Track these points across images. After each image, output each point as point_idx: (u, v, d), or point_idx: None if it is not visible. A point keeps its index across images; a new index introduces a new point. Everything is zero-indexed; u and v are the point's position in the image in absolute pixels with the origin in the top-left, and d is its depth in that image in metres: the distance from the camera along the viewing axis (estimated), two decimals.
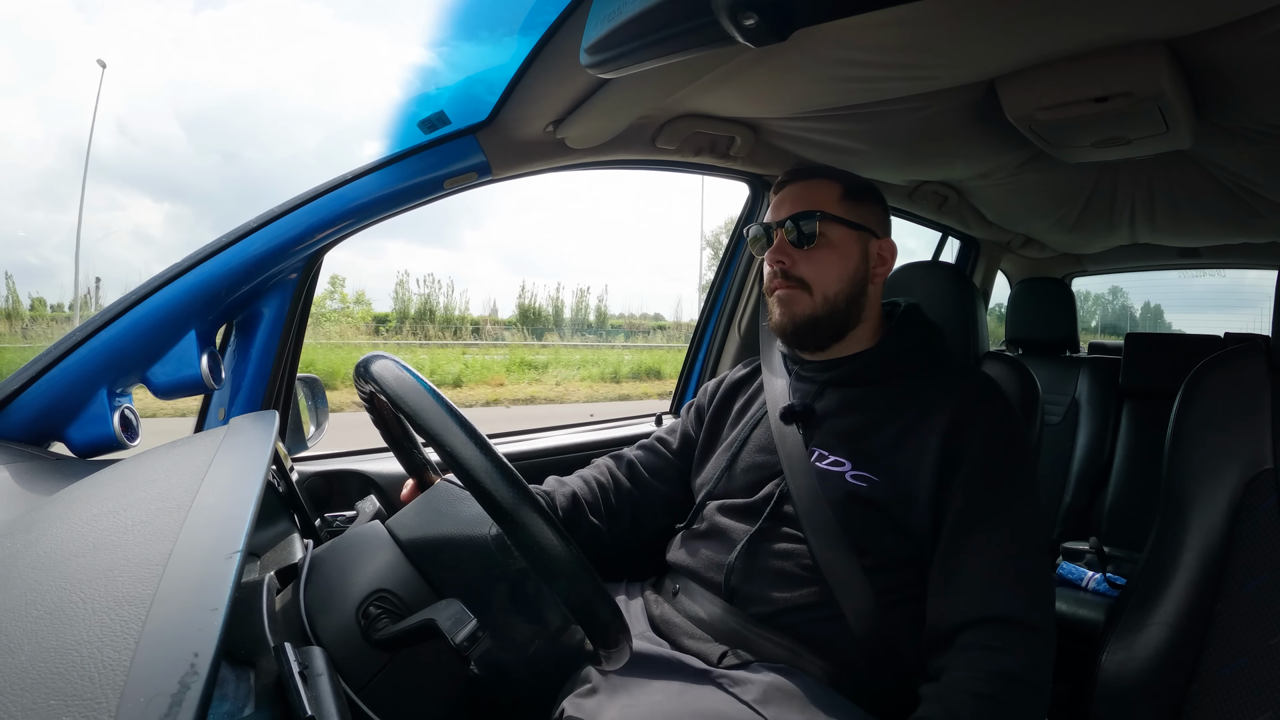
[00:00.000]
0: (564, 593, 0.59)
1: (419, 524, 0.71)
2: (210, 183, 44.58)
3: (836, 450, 0.88)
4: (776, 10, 0.55)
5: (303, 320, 0.99)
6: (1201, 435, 0.86)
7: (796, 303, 0.92)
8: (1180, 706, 0.80)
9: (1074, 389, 2.11)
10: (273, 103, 61.14)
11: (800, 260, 0.92)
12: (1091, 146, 1.14)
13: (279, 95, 62.83)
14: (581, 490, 1.00)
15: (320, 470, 1.05)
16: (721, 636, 0.85)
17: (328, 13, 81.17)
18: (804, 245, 0.92)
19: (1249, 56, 0.86)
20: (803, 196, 0.94)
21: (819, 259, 0.92)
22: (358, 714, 0.57)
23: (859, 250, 0.93)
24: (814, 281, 0.92)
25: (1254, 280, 2.59)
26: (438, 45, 0.93)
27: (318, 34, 69.66)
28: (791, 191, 0.95)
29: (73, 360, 0.78)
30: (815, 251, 0.92)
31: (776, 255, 0.93)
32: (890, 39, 0.86)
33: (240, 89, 57.82)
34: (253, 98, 58.35)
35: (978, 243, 2.25)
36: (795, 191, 0.95)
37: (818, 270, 0.92)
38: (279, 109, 61.25)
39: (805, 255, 0.92)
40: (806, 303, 0.92)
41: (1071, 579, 1.73)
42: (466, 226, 47.29)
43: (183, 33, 54.64)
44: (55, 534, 0.46)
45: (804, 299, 0.92)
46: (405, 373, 0.66)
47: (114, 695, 0.30)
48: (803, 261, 0.92)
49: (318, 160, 53.11)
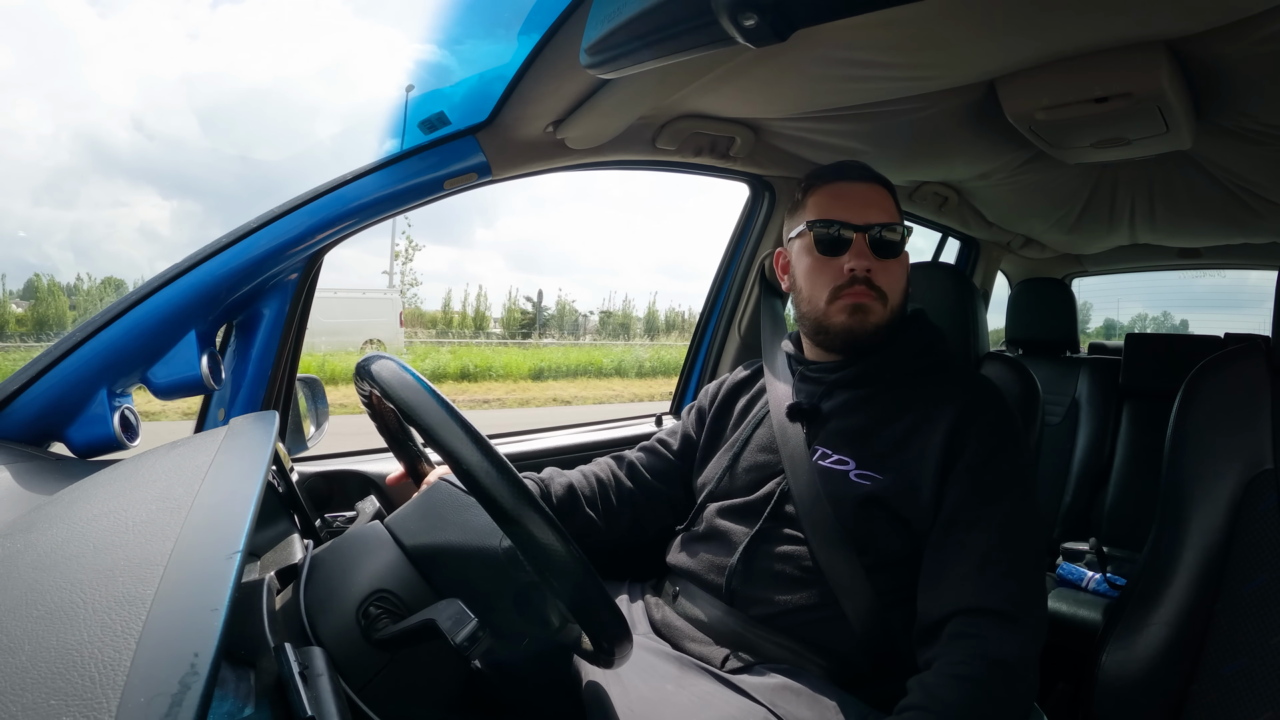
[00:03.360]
0: (565, 592, 0.59)
1: (423, 528, 0.70)
2: (207, 176, 44.66)
3: (841, 449, 0.88)
4: (776, 10, 0.55)
5: (303, 321, 0.99)
6: (1201, 435, 0.86)
7: (872, 312, 0.89)
8: (1180, 706, 0.80)
9: (1074, 389, 2.11)
10: (271, 102, 61.21)
11: (881, 270, 0.89)
12: (1091, 147, 1.14)
13: (275, 95, 62.91)
14: (580, 483, 1.00)
15: (320, 470, 1.05)
16: (723, 639, 0.85)
17: (328, 12, 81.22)
18: (888, 256, 0.90)
19: (1249, 56, 0.86)
20: (877, 202, 0.92)
21: (895, 271, 0.91)
22: (358, 714, 0.57)
23: (907, 262, 0.94)
24: (889, 292, 0.90)
25: (1256, 281, 2.60)
26: (438, 45, 0.94)
27: (316, 34, 69.71)
28: (860, 192, 0.92)
29: (73, 360, 0.78)
30: (896, 263, 0.91)
31: (863, 262, 0.89)
32: (890, 39, 0.86)
33: (249, 87, 57.88)
34: (258, 96, 58.42)
35: (978, 243, 2.25)
36: (864, 193, 0.92)
37: (892, 281, 0.90)
38: (274, 108, 61.32)
39: (884, 265, 0.90)
40: (880, 312, 0.90)
41: (1071, 579, 1.73)
42: (479, 225, 47.57)
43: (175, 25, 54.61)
44: (55, 534, 0.46)
45: (879, 309, 0.90)
46: (406, 373, 0.66)
47: (114, 695, 0.30)
48: (882, 271, 0.89)
49: (316, 160, 53.21)
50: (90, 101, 42.58)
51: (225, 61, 59.16)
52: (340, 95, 64.03)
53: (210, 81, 53.01)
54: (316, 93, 63.71)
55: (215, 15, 58.39)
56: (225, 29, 59.06)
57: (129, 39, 48.38)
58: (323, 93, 64.36)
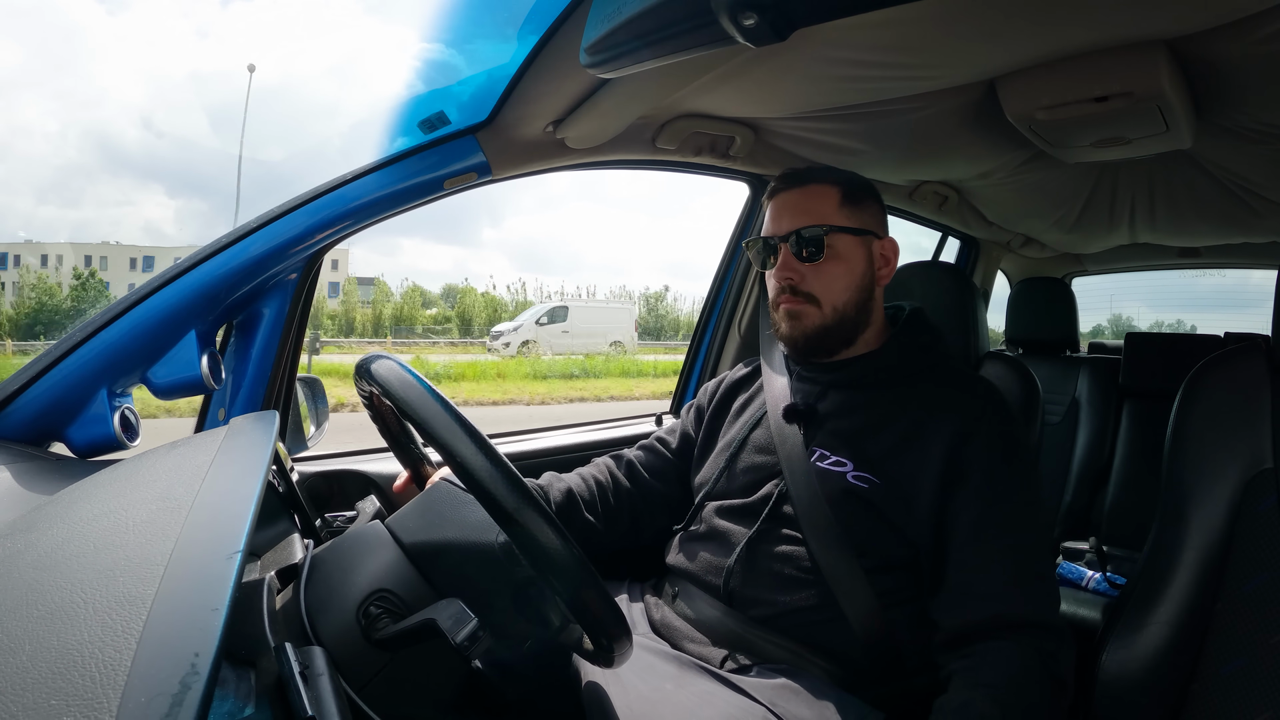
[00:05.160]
0: (565, 592, 0.59)
1: (421, 526, 0.70)
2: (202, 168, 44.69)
3: (838, 450, 0.87)
4: (776, 10, 0.55)
5: (303, 321, 0.99)
6: (1201, 435, 0.86)
7: (806, 317, 0.90)
8: (1180, 706, 0.80)
9: (1074, 389, 2.11)
10: (267, 102, 61.17)
11: (808, 274, 0.90)
12: (1091, 146, 1.14)
13: (276, 95, 62.86)
14: (578, 487, 1.00)
15: (320, 470, 1.05)
16: (722, 640, 0.85)
17: (328, 13, 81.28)
18: (811, 260, 0.89)
19: (1249, 56, 0.86)
20: (803, 206, 0.91)
21: (827, 272, 0.89)
22: (358, 714, 0.57)
23: (864, 255, 0.92)
24: (823, 295, 0.90)
25: (1258, 281, 2.59)
26: (438, 45, 0.94)
27: (318, 34, 69.74)
28: (789, 200, 0.92)
29: (73, 360, 0.78)
30: (823, 265, 0.89)
31: (784, 272, 0.90)
32: (890, 39, 0.86)
33: (255, 85, 58.02)
34: (261, 94, 58.44)
35: (978, 243, 2.25)
36: (793, 200, 0.92)
37: (826, 283, 0.90)
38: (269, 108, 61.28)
39: (813, 269, 0.89)
40: (815, 316, 0.90)
41: (1071, 579, 1.73)
42: (486, 225, 48.03)
43: None
44: (56, 534, 0.46)
45: (813, 312, 0.90)
46: (406, 373, 0.66)
47: (115, 695, 0.30)
48: (810, 275, 0.89)
49: (310, 161, 53.25)
50: (99, 99, 42.73)
51: (221, 59, 59.24)
52: (342, 95, 64.11)
53: (209, 81, 53.06)
54: (315, 93, 63.81)
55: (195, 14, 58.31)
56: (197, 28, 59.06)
57: (138, 36, 48.45)
58: (324, 93, 64.46)
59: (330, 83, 60.62)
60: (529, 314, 19.17)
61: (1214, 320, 7.74)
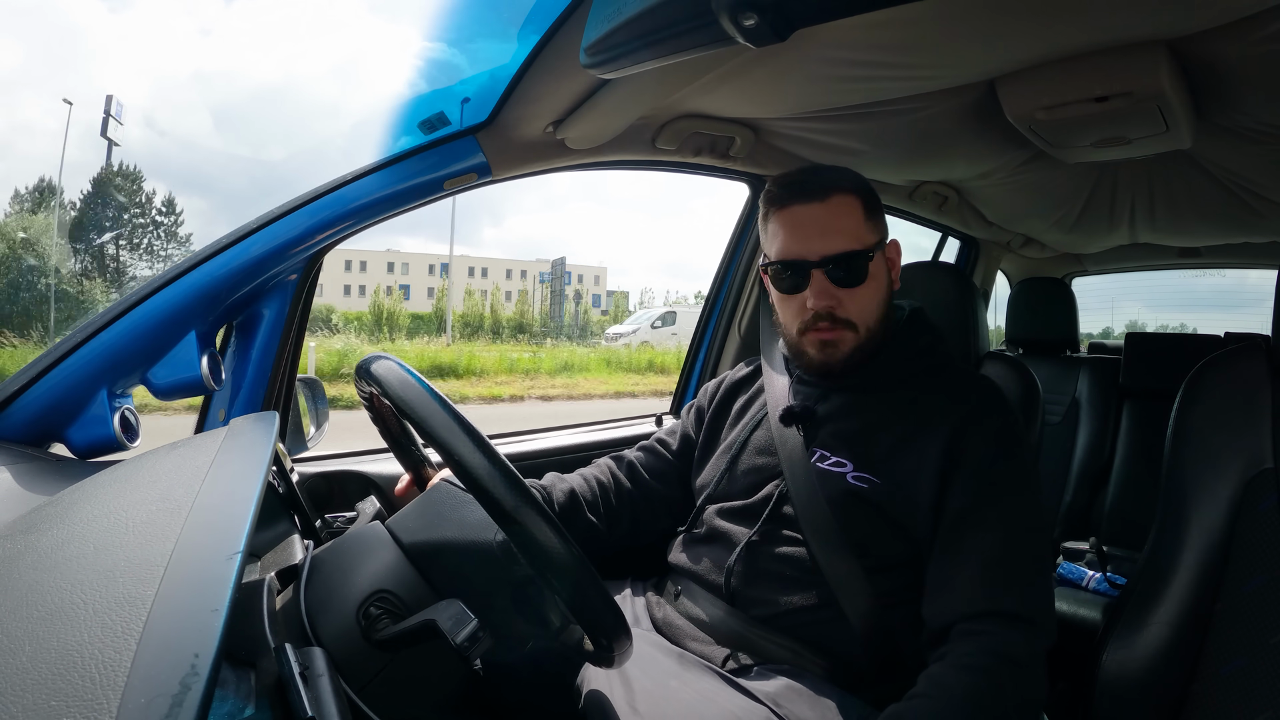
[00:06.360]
0: (564, 592, 0.59)
1: (421, 526, 0.70)
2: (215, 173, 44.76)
3: (838, 451, 0.87)
4: (776, 10, 0.55)
5: (303, 321, 0.99)
6: (1201, 435, 0.86)
7: (843, 343, 0.86)
8: (1180, 706, 0.80)
9: (1074, 389, 2.11)
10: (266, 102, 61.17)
11: (845, 299, 0.85)
12: (1091, 146, 1.14)
13: (275, 95, 62.87)
14: (580, 487, 1.00)
15: (320, 471, 1.05)
16: (724, 639, 0.85)
17: (329, 13, 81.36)
18: (847, 284, 0.84)
19: (1249, 56, 0.86)
20: (832, 225, 0.84)
21: (864, 296, 0.85)
22: (358, 714, 0.57)
23: (884, 267, 0.89)
24: (859, 318, 0.86)
25: (1256, 281, 2.59)
26: (438, 45, 0.94)
27: (318, 34, 69.78)
28: (813, 216, 0.85)
29: (73, 361, 0.78)
30: (860, 289, 0.85)
31: (822, 301, 0.84)
32: (890, 39, 0.86)
33: (260, 84, 57.99)
34: (265, 93, 58.45)
35: (978, 243, 2.25)
36: (818, 217, 0.85)
37: (862, 305, 0.85)
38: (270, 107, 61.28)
39: (849, 294, 0.85)
40: (851, 340, 0.86)
41: (1071, 579, 1.73)
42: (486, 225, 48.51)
43: None
44: (56, 535, 0.46)
45: (850, 338, 0.86)
46: (407, 374, 0.66)
47: (115, 696, 0.30)
48: (847, 300, 0.85)
49: (311, 161, 53.26)
50: (100, 98, 42.82)
51: (217, 57, 59.23)
52: (343, 95, 64.17)
53: (205, 80, 53.03)
54: (317, 92, 63.81)
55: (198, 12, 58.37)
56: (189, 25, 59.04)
57: (140, 35, 48.43)
58: (325, 92, 64.47)
59: (331, 83, 60.70)
60: (641, 318, 22.91)
61: (1214, 320, 7.74)
